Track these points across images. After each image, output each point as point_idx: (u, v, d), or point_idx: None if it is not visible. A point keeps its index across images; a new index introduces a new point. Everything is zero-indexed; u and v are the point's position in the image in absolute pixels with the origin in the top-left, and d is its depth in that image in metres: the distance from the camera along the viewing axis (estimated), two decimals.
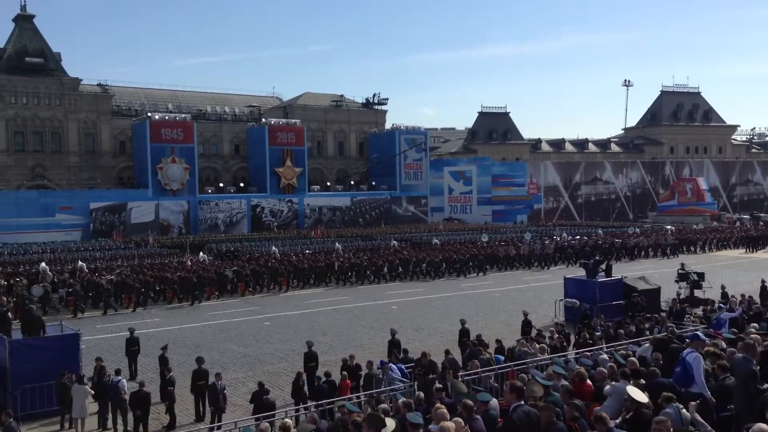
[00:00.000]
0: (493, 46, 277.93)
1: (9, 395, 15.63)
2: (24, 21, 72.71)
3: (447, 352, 16.37)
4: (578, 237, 55.23)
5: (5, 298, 24.76)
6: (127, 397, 15.02)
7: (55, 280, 33.73)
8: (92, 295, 31.91)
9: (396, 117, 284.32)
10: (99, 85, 77.66)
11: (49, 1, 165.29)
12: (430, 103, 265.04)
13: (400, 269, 40.57)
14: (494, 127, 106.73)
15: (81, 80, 73.11)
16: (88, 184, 71.07)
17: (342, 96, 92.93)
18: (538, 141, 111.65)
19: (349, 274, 39.21)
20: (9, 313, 17.65)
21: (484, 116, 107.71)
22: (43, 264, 37.60)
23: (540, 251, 46.70)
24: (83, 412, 15.04)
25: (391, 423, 8.72)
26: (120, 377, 15.54)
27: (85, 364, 17.10)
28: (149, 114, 71.47)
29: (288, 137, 77.62)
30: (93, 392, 15.34)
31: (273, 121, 79.04)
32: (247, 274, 35.87)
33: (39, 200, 64.17)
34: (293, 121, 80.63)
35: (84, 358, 17.34)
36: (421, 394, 11.72)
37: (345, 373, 15.59)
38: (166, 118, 71.31)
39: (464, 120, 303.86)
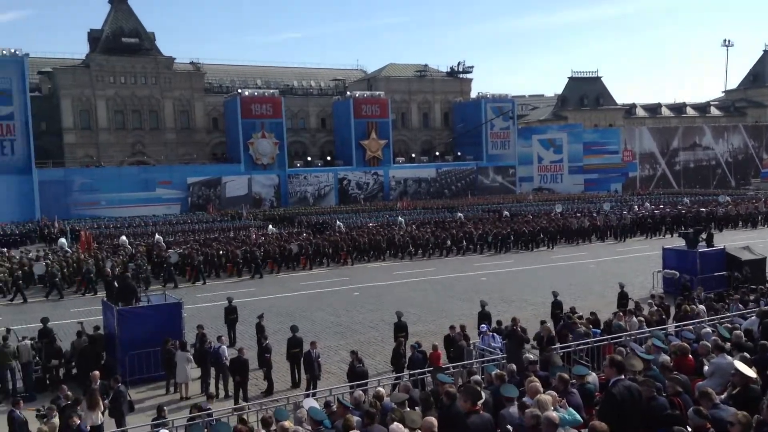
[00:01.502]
0: (583, 8, 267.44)
1: (118, 361, 16.58)
2: (119, 2, 75.65)
3: (543, 323, 16.11)
4: (661, 206, 52.83)
5: (110, 270, 26.14)
6: (227, 363, 15.63)
7: (133, 252, 35.32)
8: (159, 269, 32.92)
9: (482, 85, 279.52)
10: (192, 63, 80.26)
11: None
12: (517, 69, 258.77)
13: (464, 242, 39.80)
14: (585, 92, 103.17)
15: (175, 59, 75.72)
16: (184, 159, 73.91)
17: (426, 66, 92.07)
18: (633, 106, 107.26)
19: (410, 248, 38.63)
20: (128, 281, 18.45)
21: (574, 81, 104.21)
22: (123, 237, 39.52)
23: (617, 223, 44.87)
24: (186, 377, 15.79)
25: (485, 395, 8.67)
26: (220, 344, 16.15)
27: (187, 332, 17.89)
28: (239, 90, 73.35)
29: (372, 110, 77.85)
30: (193, 358, 16.07)
31: (357, 94, 79.39)
32: (310, 248, 35.95)
33: (140, 176, 67.44)
34: (377, 93, 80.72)
35: (186, 325, 18.13)
36: (514, 367, 11.58)
37: (436, 343, 15.62)
38: (255, 94, 72.98)
39: (553, 86, 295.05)
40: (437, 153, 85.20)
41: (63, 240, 40.71)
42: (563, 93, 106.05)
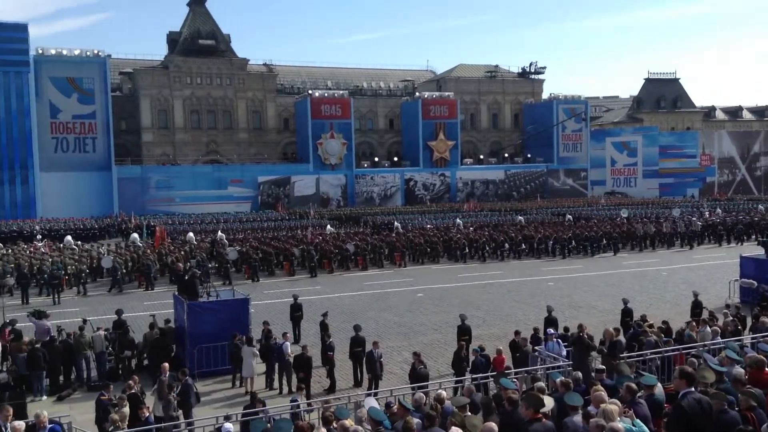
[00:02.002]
0: (660, 7, 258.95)
1: (187, 353, 17.05)
2: (197, 5, 78.05)
3: (615, 330, 15.63)
4: (733, 213, 50.49)
5: (182, 265, 26.91)
6: (291, 359, 15.83)
7: (195, 248, 36.12)
8: (217, 266, 33.53)
9: (554, 86, 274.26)
10: (265, 64, 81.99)
11: None
12: (591, 70, 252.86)
13: (524, 246, 39.01)
14: (662, 94, 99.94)
15: (249, 60, 77.52)
16: (255, 158, 75.59)
17: (497, 66, 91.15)
18: (712, 109, 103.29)
19: (467, 250, 38.02)
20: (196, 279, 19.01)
21: (650, 83, 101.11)
22: (190, 234, 40.60)
23: (685, 229, 43.10)
24: (252, 372, 16.09)
25: (549, 401, 8.48)
26: (285, 340, 16.38)
27: (253, 327, 18.24)
28: (310, 91, 74.50)
29: (441, 110, 77.61)
30: (259, 354, 16.36)
31: (426, 94, 79.31)
32: (366, 249, 35.89)
33: (213, 174, 69.38)
34: (446, 94, 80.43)
35: (252, 321, 18.48)
36: (579, 374, 11.29)
37: (500, 348, 15.40)
38: (325, 95, 73.93)
39: (628, 87, 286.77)
40: (506, 154, 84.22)
41: (135, 235, 42.24)
42: (639, 95, 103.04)
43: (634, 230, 42.23)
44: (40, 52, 62.68)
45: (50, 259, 31.50)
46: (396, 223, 47.04)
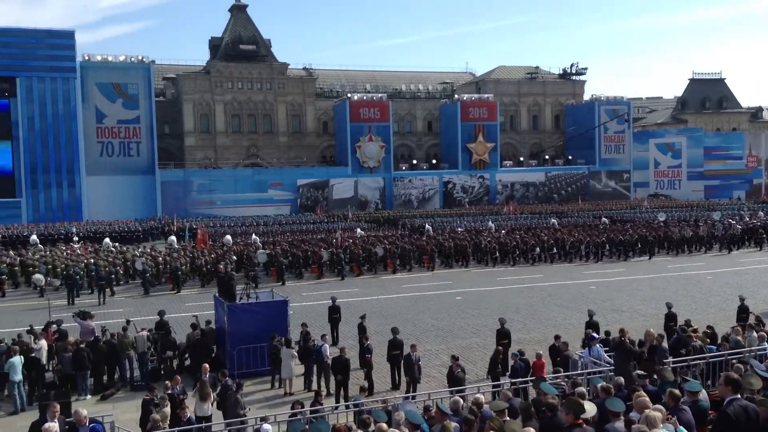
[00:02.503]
0: (704, 7, 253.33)
1: (227, 354, 17.25)
2: (238, 11, 79.16)
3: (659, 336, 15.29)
4: None
5: (222, 267, 27.27)
6: (329, 361, 15.89)
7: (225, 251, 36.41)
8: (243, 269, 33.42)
9: (595, 87, 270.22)
10: (304, 69, 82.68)
11: None
12: (634, 71, 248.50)
13: (555, 250, 38.34)
14: (707, 94, 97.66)
15: (289, 65, 78.26)
16: (294, 162, 76.25)
17: (537, 68, 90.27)
18: (759, 109, 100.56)
19: (496, 254, 37.38)
20: (234, 281, 19.26)
21: (695, 83, 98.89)
22: (227, 236, 41.04)
23: (723, 232, 41.84)
24: (291, 373, 16.20)
25: (590, 407, 8.33)
26: (323, 342, 16.46)
27: (292, 329, 18.36)
28: (349, 95, 74.83)
29: (480, 112, 77.17)
30: (297, 355, 16.45)
31: (465, 96, 78.96)
32: (395, 252, 35.63)
33: (253, 177, 70.19)
34: (485, 95, 79.95)
35: (291, 322, 18.60)
36: (621, 380, 11.07)
37: (540, 352, 15.21)
38: (364, 98, 74.17)
39: (672, 88, 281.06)
40: (546, 156, 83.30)
41: (173, 237, 42.96)
42: (683, 95, 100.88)
43: (670, 234, 41.26)
44: (87, 58, 64.29)
45: (84, 261, 32.32)
46: (427, 225, 46.87)
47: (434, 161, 79.44)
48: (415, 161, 79.01)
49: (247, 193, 68.09)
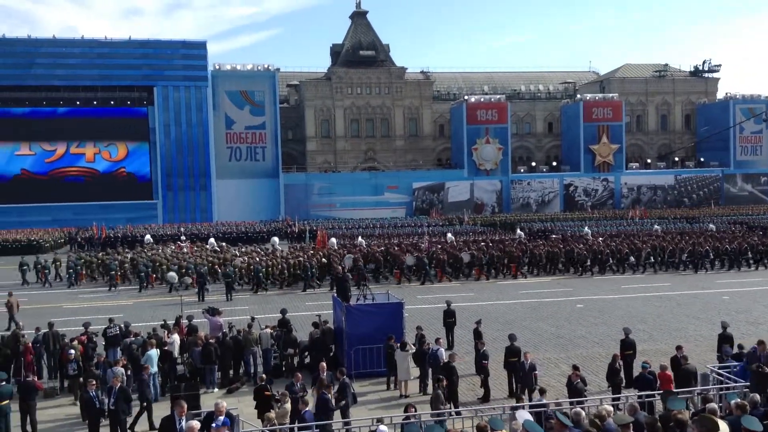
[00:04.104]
0: None
1: (345, 354, 17.57)
2: (359, 17, 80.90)
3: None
4: None
5: (340, 268, 27.83)
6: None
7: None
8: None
9: (730, 85, 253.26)
10: (422, 72, 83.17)
11: None
12: None
13: (652, 258, 35.83)
14: None
15: (406, 69, 79.00)
16: (411, 165, 76.84)
17: (666, 65, 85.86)
18: None
19: (588, 262, 35.26)
20: (348, 282, 19.63)
21: None
22: (333, 239, 41.67)
23: None
24: (407, 375, 16.26)
25: (723, 426, 7.76)
26: (439, 346, 16.39)
27: (407, 331, 18.43)
28: (466, 97, 74.44)
29: (604, 113, 74.43)
30: (413, 358, 16.46)
31: (588, 96, 76.45)
32: (482, 259, 34.47)
33: (371, 180, 71.40)
34: (610, 95, 77.03)
35: (406, 325, 18.67)
36: (757, 397, 10.25)
37: (665, 364, 14.38)
38: (482, 100, 73.52)
39: None
40: (676, 158, 79.12)
41: (275, 239, 44.36)
42: None
43: None
44: (217, 67, 67.96)
45: (187, 259, 34.35)
46: (518, 231, 45.49)
47: (555, 163, 77.43)
48: (534, 163, 77.39)
49: (364, 195, 69.39)
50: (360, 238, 42.19)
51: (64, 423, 14.85)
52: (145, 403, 14.51)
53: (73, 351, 16.47)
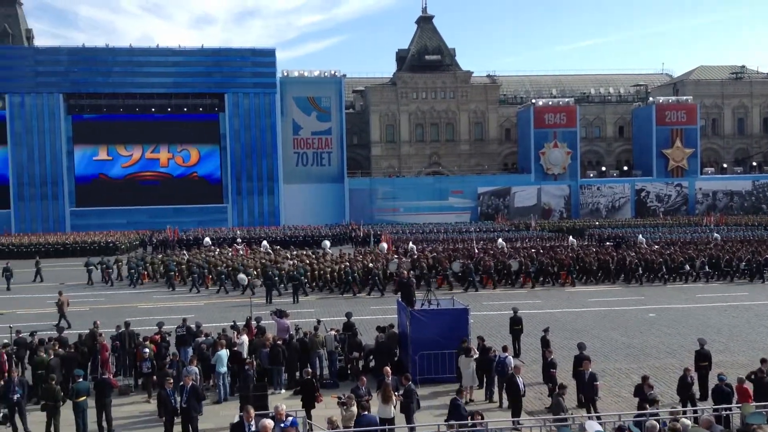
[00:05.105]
0: None
1: (409, 359, 17.56)
2: (425, 22, 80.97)
3: None
4: None
5: (405, 272, 27.84)
6: (511, 373, 15.52)
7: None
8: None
9: None
10: (488, 76, 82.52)
11: (446, 1, 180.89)
12: None
13: (707, 268, 34.23)
14: None
15: (472, 73, 78.58)
16: (475, 170, 76.30)
17: (743, 67, 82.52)
18: None
19: (640, 271, 33.75)
20: (413, 287, 19.61)
21: None
22: (383, 244, 41.53)
23: None
24: (471, 382, 16.12)
25: None
26: (506, 354, 16.17)
27: (472, 337, 18.26)
28: (533, 101, 73.42)
29: (678, 116, 72.11)
30: (476, 365, 16.29)
31: (661, 99, 74.24)
32: (530, 266, 33.56)
33: (435, 185, 71.27)
34: (684, 98, 74.56)
35: (472, 331, 18.50)
36: None
37: (742, 377, 13.78)
38: (549, 103, 72.38)
39: None
40: (754, 163, 75.78)
41: (327, 242, 44.69)
42: None
43: None
44: (285, 74, 69.29)
45: (242, 261, 35.42)
46: (571, 238, 44.31)
47: (625, 168, 75.46)
48: (604, 168, 75.65)
49: (428, 200, 69.29)
50: (411, 244, 41.88)
51: (138, 420, 15.36)
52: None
53: (147, 350, 17.05)
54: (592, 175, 73.62)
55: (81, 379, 14.51)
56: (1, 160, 64.06)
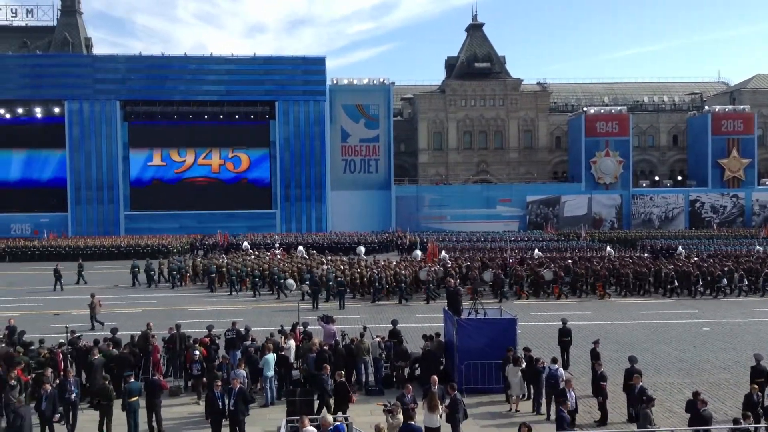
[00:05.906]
0: None
1: (455, 369, 17.45)
2: (474, 30, 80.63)
3: None
4: None
5: (452, 280, 27.70)
6: (563, 385, 15.26)
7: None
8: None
9: None
10: (538, 83, 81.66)
11: (497, 8, 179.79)
12: None
13: (746, 282, 33.09)
14: None
15: (522, 80, 77.84)
16: (524, 178, 75.45)
17: None
18: None
19: (675, 283, 32.74)
20: (460, 296, 19.49)
21: None
22: (417, 251, 41.06)
23: None
24: (519, 392, 15.94)
25: None
26: (557, 365, 15.92)
27: (519, 348, 18.04)
28: (584, 109, 72.31)
29: (734, 125, 70.04)
30: (522, 375, 16.09)
31: (717, 108, 72.18)
32: (562, 277, 32.78)
33: (482, 193, 70.73)
34: (741, 107, 72.39)
35: (519, 341, 18.29)
36: None
37: None
38: (601, 111, 71.19)
39: None
40: None
41: (361, 248, 44.62)
42: None
43: None
44: (335, 82, 69.85)
45: (277, 265, 35.95)
46: (608, 248, 43.17)
47: (679, 178, 73.63)
48: (657, 177, 73.96)
49: (475, 208, 68.79)
50: (443, 252, 41.52)
51: (187, 421, 15.65)
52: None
53: (197, 352, 17.37)
54: (644, 184, 72.04)
55: (132, 380, 14.88)
56: (60, 165, 66.21)
